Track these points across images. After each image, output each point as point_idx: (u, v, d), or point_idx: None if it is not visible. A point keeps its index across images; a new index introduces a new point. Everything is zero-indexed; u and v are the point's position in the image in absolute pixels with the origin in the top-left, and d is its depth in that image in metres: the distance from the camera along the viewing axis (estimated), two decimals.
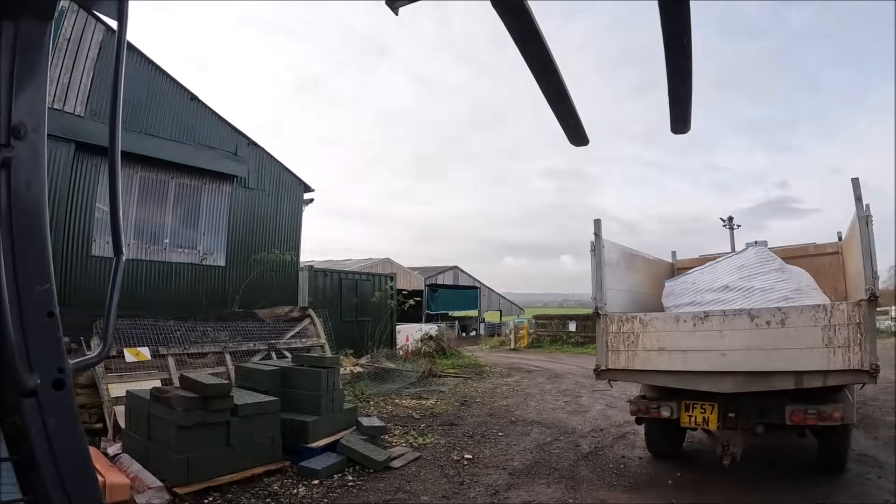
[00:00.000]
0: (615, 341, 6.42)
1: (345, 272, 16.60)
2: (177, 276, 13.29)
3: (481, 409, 11.33)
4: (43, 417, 0.90)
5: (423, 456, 8.15)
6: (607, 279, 6.79)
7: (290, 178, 15.57)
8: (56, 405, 0.92)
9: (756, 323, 5.66)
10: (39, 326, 0.91)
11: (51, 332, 0.94)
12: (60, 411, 0.93)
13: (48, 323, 0.93)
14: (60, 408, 0.93)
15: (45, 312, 0.93)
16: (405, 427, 9.87)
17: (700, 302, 6.96)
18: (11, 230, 0.89)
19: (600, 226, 6.76)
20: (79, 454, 0.96)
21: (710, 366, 5.82)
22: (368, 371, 13.93)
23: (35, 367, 0.89)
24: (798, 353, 5.48)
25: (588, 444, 8.62)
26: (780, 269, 6.91)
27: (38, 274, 0.93)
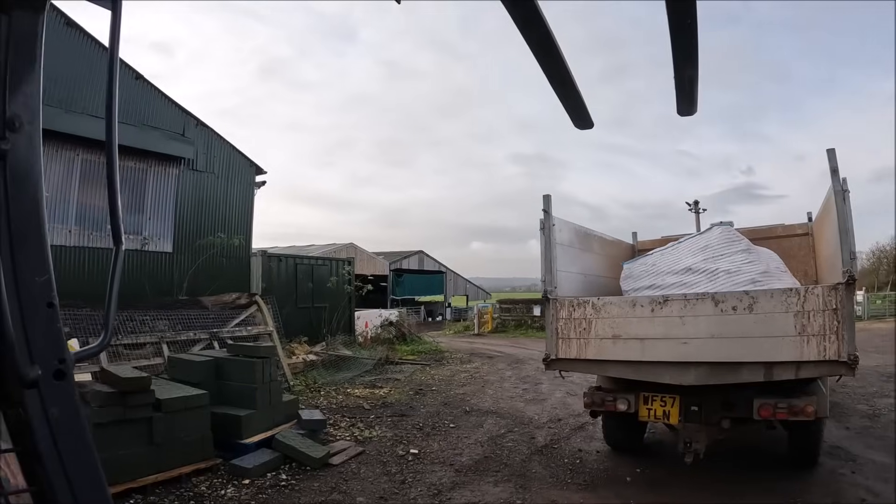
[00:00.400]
0: (566, 328, 5.63)
1: (300, 257, 15.57)
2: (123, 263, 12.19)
3: (436, 398, 10.53)
4: (45, 408, 0.88)
5: (366, 451, 7.47)
6: (558, 260, 5.99)
7: (241, 159, 14.50)
8: (58, 396, 0.90)
9: (721, 308, 4.90)
10: (39, 317, 0.90)
11: (51, 322, 0.92)
12: (62, 402, 0.91)
13: (48, 313, 0.91)
14: (62, 398, 0.91)
15: (45, 303, 0.91)
16: (353, 419, 9.09)
17: (660, 285, 6.20)
18: (9, 222, 0.88)
19: (550, 202, 5.93)
20: (82, 444, 0.93)
21: (670, 356, 5.06)
22: (323, 359, 13.04)
23: (36, 358, 0.88)
24: (768, 342, 4.75)
25: (544, 437, 7.89)
26: (747, 250, 6.17)
27: (37, 265, 0.91)
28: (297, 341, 13.47)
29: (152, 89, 13.11)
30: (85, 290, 10.45)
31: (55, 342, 0.92)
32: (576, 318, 5.54)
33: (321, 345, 13.86)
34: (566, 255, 6.24)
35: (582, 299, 5.59)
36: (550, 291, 5.74)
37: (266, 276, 14.32)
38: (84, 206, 12.07)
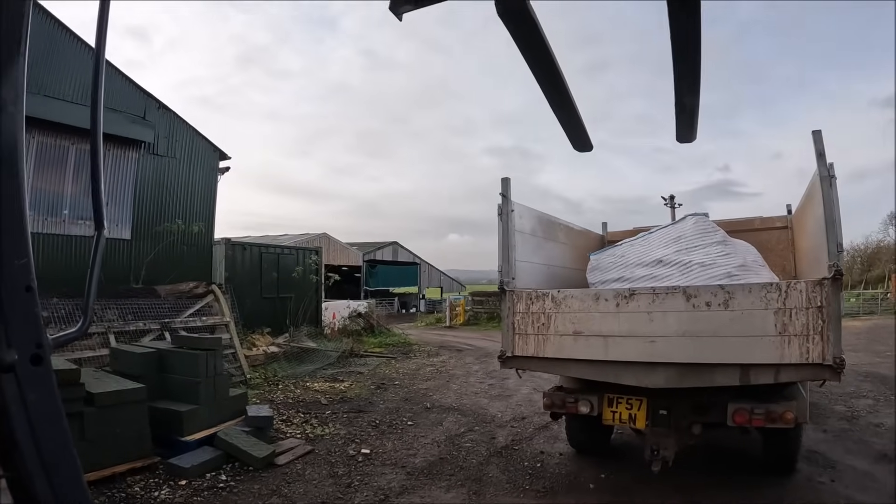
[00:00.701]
0: (523, 323, 5.00)
1: (265, 246, 14.75)
2: (77, 250, 11.37)
3: (397, 393, 9.88)
4: (22, 393, 0.86)
5: (315, 450, 6.86)
6: (518, 249, 5.35)
7: (204, 144, 13.67)
8: (35, 381, 0.88)
9: (693, 304, 4.29)
10: (17, 301, 0.87)
11: (29, 306, 0.89)
12: (39, 387, 0.89)
13: (26, 297, 0.89)
14: (39, 383, 0.89)
15: (23, 287, 0.88)
16: (307, 414, 8.45)
17: (629, 278, 5.60)
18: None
19: (508, 185, 5.28)
20: (59, 430, 0.91)
21: (637, 355, 4.46)
22: (285, 351, 12.31)
23: (13, 343, 0.85)
24: (745, 341, 4.17)
25: (505, 437, 7.27)
26: (723, 242, 5.59)
27: (16, 248, 0.88)
28: (259, 332, 12.73)
29: (113, 71, 12.26)
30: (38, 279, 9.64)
31: (33, 327, 0.89)
32: (534, 312, 4.91)
33: (284, 336, 13.12)
34: (527, 244, 5.60)
35: (541, 292, 4.96)
36: (507, 283, 5.11)
37: (229, 265, 13.53)
38: (39, 190, 11.30)
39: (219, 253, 13.64)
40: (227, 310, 10.83)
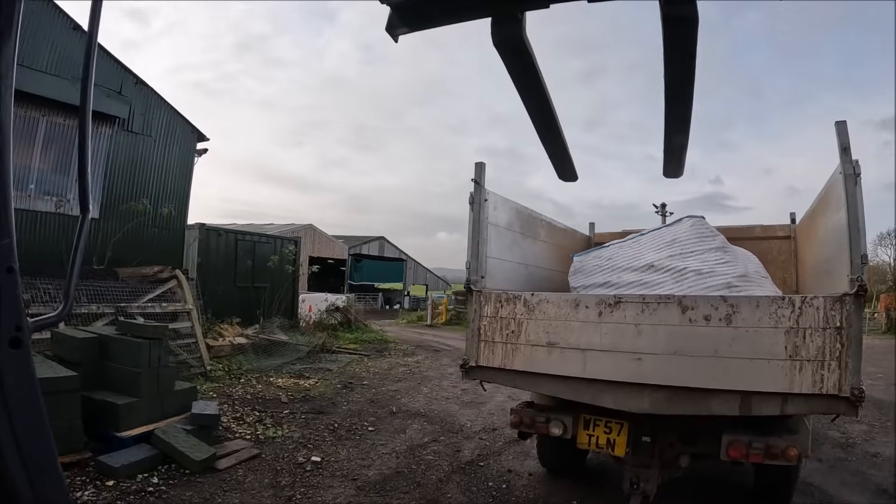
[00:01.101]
0: (490, 329, 4.22)
1: (241, 232, 13.87)
2: (41, 226, 10.52)
3: (364, 393, 9.08)
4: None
5: (262, 454, 6.14)
6: (491, 244, 4.57)
7: (182, 124, 12.78)
8: (13, 364, 0.84)
9: (690, 317, 3.52)
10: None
11: (10, 288, 0.86)
12: (17, 370, 0.85)
13: (7, 279, 0.86)
14: (17, 367, 0.85)
15: (4, 268, 0.86)
16: (263, 413, 7.67)
17: (616, 283, 4.84)
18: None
19: (483, 171, 4.50)
20: (36, 414, 0.88)
21: (620, 374, 3.69)
22: (253, 343, 11.49)
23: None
24: (748, 365, 3.41)
25: (471, 450, 6.50)
26: (723, 248, 4.83)
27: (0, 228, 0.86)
28: (228, 322, 11.90)
29: None
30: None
31: (13, 309, 0.86)
32: (503, 316, 4.13)
33: (255, 327, 12.29)
34: (502, 239, 4.82)
35: (512, 294, 4.17)
36: (475, 281, 4.33)
37: (203, 251, 12.68)
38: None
39: (192, 238, 12.79)
40: (191, 296, 9.99)
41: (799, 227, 5.89)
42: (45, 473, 0.87)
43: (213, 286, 12.28)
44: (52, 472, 0.89)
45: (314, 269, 14.64)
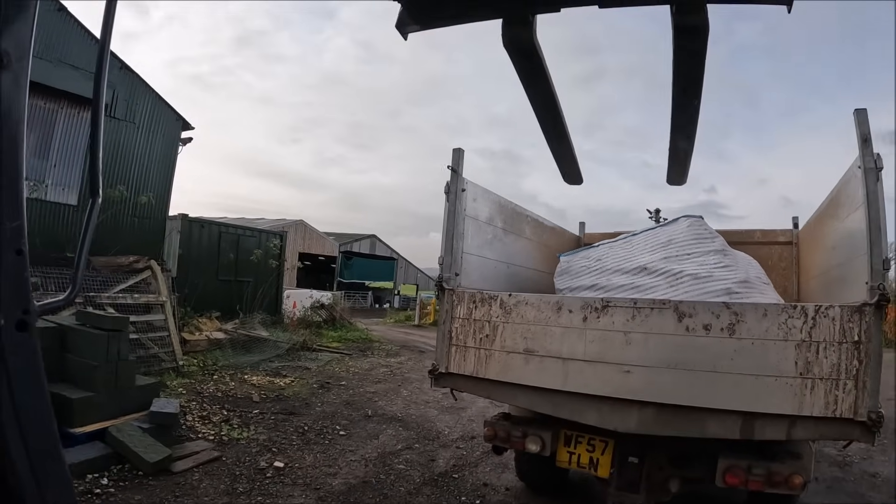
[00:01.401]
0: (463, 332, 3.73)
1: (225, 225, 13.31)
2: None
3: (340, 394, 8.56)
4: (4, 358, 0.81)
5: (223, 457, 5.66)
6: (468, 239, 4.07)
7: (167, 111, 12.24)
8: (19, 347, 0.83)
9: (687, 325, 3.03)
10: (7, 264, 0.83)
11: (18, 270, 0.85)
12: (23, 353, 0.84)
13: (16, 261, 0.84)
14: (23, 350, 0.84)
15: (14, 250, 0.83)
16: (231, 412, 7.15)
17: (605, 286, 4.34)
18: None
19: (461, 158, 4.00)
20: (39, 398, 0.87)
21: (605, 388, 3.20)
22: (232, 338, 10.95)
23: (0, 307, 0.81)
24: (752, 382, 2.93)
25: (446, 460, 6.00)
26: (722, 251, 4.35)
27: (10, 210, 0.83)
28: (207, 316, 11.35)
29: (73, 23, 10.85)
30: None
31: (21, 292, 0.85)
32: (476, 319, 3.63)
33: (234, 322, 11.75)
34: (481, 234, 4.31)
35: (487, 294, 3.67)
36: (447, 279, 3.83)
37: (185, 243, 12.15)
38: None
39: (174, 228, 12.26)
40: (165, 288, 9.44)
41: (803, 232, 5.41)
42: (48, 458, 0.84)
43: (195, 279, 11.74)
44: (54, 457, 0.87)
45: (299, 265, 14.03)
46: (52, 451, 0.87)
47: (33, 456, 0.81)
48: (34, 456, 0.82)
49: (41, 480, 0.83)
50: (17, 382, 0.81)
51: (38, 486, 0.83)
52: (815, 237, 4.71)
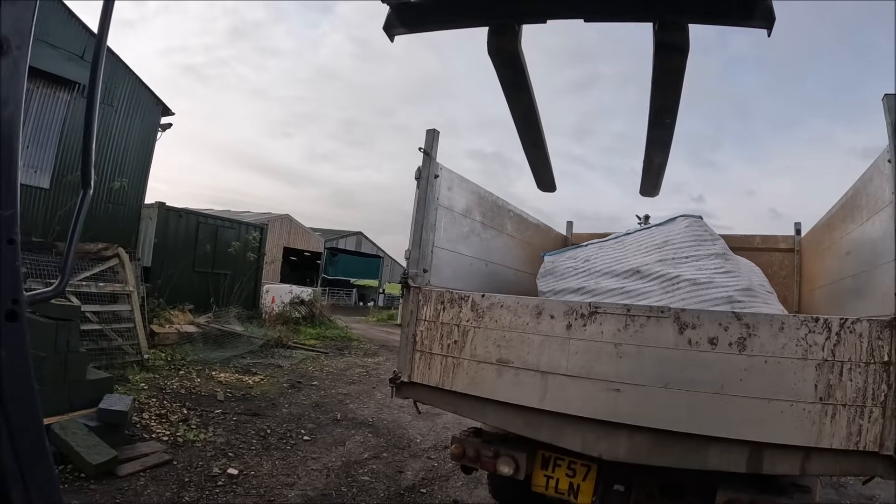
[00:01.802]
0: (428, 336, 3.19)
1: (204, 215, 12.66)
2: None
3: (310, 395, 7.99)
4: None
5: (174, 461, 5.18)
6: (441, 231, 3.54)
7: (147, 95, 11.62)
8: (8, 337, 0.81)
9: (690, 338, 2.51)
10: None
11: (9, 260, 0.83)
12: (12, 344, 0.82)
13: (7, 250, 0.82)
14: (12, 340, 0.82)
15: (6, 239, 0.82)
16: (191, 411, 6.59)
17: (593, 290, 3.83)
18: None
19: (435, 140, 3.46)
20: (26, 389, 0.85)
21: (590, 408, 2.68)
22: (204, 332, 10.35)
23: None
24: (764, 407, 2.42)
25: (416, 472, 5.48)
26: (723, 255, 3.85)
27: (4, 198, 0.82)
28: (179, 308, 10.74)
29: (53, 1, 10.27)
30: None
31: (12, 281, 0.83)
32: (444, 322, 3.10)
33: (207, 315, 11.14)
34: (457, 226, 3.78)
35: (457, 294, 3.13)
36: (414, 275, 3.29)
37: (160, 232, 11.52)
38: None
39: (150, 217, 11.63)
40: (133, 277, 8.83)
41: (806, 238, 4.94)
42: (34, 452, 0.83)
43: (169, 269, 11.13)
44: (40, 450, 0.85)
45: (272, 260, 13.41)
46: (38, 444, 0.85)
47: (19, 449, 0.80)
48: (20, 449, 0.80)
49: (26, 474, 0.81)
50: (6, 374, 0.78)
51: (23, 479, 0.81)
52: (823, 244, 4.23)
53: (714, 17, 1.35)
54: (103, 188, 10.41)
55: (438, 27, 1.49)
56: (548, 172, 2.10)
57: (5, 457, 0.79)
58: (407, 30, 1.49)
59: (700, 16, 1.35)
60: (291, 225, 27.11)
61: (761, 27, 1.27)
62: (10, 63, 0.79)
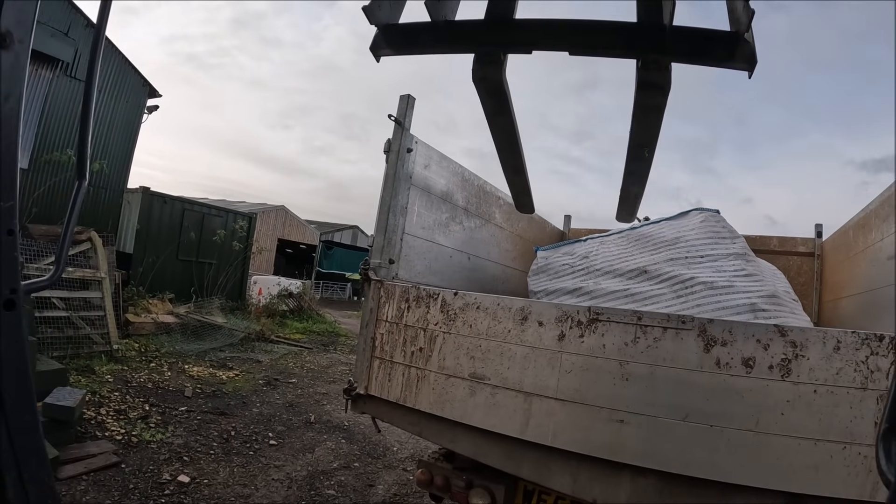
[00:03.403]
0: (389, 341, 2.57)
1: (189, 201, 11.98)
2: None
3: (286, 394, 7.38)
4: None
5: (123, 463, 4.63)
6: (414, 216, 2.93)
7: (133, 76, 10.98)
8: (5, 326, 0.82)
9: (718, 358, 1.90)
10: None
11: (8, 250, 0.83)
12: (9, 333, 0.82)
13: (6, 241, 0.82)
14: (9, 329, 0.82)
15: (5, 230, 0.81)
16: (152, 408, 6.02)
17: (592, 292, 3.23)
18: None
19: (409, 107, 2.85)
20: (22, 376, 0.85)
21: (585, 442, 2.07)
22: (183, 322, 9.73)
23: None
24: (810, 449, 1.82)
25: (387, 486, 4.89)
26: (744, 255, 3.25)
27: (3, 190, 0.81)
28: (159, 297, 10.12)
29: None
30: None
31: (10, 271, 0.82)
32: (409, 324, 2.49)
33: (187, 306, 10.52)
34: (434, 211, 3.16)
35: (425, 290, 2.50)
36: (377, 267, 2.67)
37: (144, 217, 10.88)
38: None
39: (133, 201, 11.00)
40: (105, 263, 8.21)
41: (830, 242, 4.33)
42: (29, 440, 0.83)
43: (151, 256, 10.51)
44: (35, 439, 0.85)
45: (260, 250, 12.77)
46: (33, 431, 0.85)
47: (15, 438, 0.80)
48: (16, 435, 0.80)
49: (21, 459, 0.82)
50: (3, 362, 0.78)
51: (17, 465, 0.81)
52: (855, 247, 3.62)
53: (696, 57, 1.30)
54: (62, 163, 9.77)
55: (424, 51, 1.48)
56: (527, 195, 1.92)
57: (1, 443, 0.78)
58: (393, 51, 1.47)
59: (683, 55, 1.32)
60: (287, 217, 26.41)
61: (742, 69, 1.27)
62: (11, 57, 0.79)
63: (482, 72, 1.43)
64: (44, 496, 0.90)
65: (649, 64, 1.33)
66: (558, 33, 1.36)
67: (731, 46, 1.26)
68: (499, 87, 1.46)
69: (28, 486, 0.84)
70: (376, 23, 1.40)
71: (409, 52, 1.48)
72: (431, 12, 1.38)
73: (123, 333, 8.71)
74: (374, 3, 1.38)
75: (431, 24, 1.40)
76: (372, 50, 1.46)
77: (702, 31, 1.30)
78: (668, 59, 1.32)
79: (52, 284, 1.13)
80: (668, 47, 1.30)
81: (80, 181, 1.04)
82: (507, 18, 1.37)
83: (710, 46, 1.29)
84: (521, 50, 1.39)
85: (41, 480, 0.87)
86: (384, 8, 1.41)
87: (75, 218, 1.04)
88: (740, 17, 1.24)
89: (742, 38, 1.25)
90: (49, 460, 0.95)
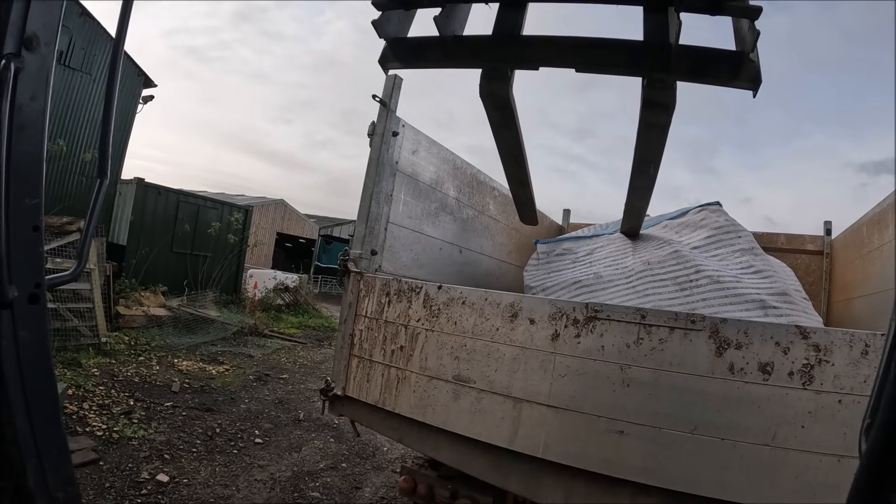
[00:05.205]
0: (369, 338, 2.35)
1: (185, 193, 11.73)
2: None
3: (276, 390, 7.16)
4: (15, 330, 0.80)
5: (101, 461, 4.42)
6: (400, 205, 2.70)
7: (128, 65, 10.73)
8: (29, 319, 0.82)
9: (732, 362, 1.67)
10: (23, 240, 0.81)
11: (34, 246, 0.84)
12: (33, 326, 0.83)
13: (32, 237, 0.83)
14: (33, 322, 0.83)
15: (31, 226, 0.83)
16: (137, 403, 5.84)
17: (591, 286, 3.00)
18: (10, 142, 0.78)
19: (396, 89, 2.60)
20: (44, 369, 0.87)
21: (581, 455, 1.83)
22: (175, 316, 9.50)
23: (15, 279, 0.79)
24: (833, 467, 1.58)
25: (375, 489, 4.68)
26: (752, 250, 3.03)
27: (30, 188, 0.82)
28: (152, 290, 9.89)
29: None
30: None
31: (35, 266, 0.83)
32: (389, 320, 2.26)
33: (180, 299, 10.29)
34: (422, 201, 2.93)
35: (407, 284, 2.27)
36: (357, 258, 2.44)
37: (138, 209, 10.64)
38: None
39: (128, 193, 10.77)
40: (95, 254, 7.98)
41: (840, 240, 4.10)
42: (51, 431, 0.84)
43: (145, 248, 10.28)
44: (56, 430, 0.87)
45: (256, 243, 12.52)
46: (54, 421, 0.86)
47: (36, 425, 0.80)
48: (37, 425, 0.81)
49: (42, 448, 0.83)
50: (26, 356, 0.78)
51: (38, 453, 0.82)
52: (868, 245, 3.39)
53: (701, 76, 1.33)
54: (75, 160, 9.53)
55: (432, 65, 1.49)
56: (531, 207, 2.02)
57: (23, 435, 0.79)
58: (401, 65, 1.48)
59: (687, 74, 1.33)
60: (286, 210, 26.14)
61: (747, 88, 1.27)
62: (37, 59, 0.78)
63: (489, 87, 1.45)
64: (63, 484, 0.90)
65: (655, 82, 1.35)
66: (565, 50, 1.38)
67: (736, 66, 1.27)
68: (506, 102, 1.48)
69: (48, 475, 0.85)
70: (385, 36, 1.41)
71: (417, 65, 1.52)
72: (440, 27, 1.37)
73: (113, 326, 8.49)
74: (384, 16, 1.38)
75: (440, 38, 1.40)
76: (381, 63, 1.49)
77: (707, 50, 1.30)
78: (674, 78, 1.34)
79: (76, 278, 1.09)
80: (674, 66, 1.32)
81: (102, 179, 1.04)
82: (514, 34, 1.36)
83: (716, 66, 1.31)
84: (529, 66, 1.41)
85: (61, 469, 0.89)
86: (393, 22, 1.41)
87: (97, 215, 1.03)
88: (746, 37, 1.23)
89: (747, 57, 1.25)
90: (69, 450, 0.95)
